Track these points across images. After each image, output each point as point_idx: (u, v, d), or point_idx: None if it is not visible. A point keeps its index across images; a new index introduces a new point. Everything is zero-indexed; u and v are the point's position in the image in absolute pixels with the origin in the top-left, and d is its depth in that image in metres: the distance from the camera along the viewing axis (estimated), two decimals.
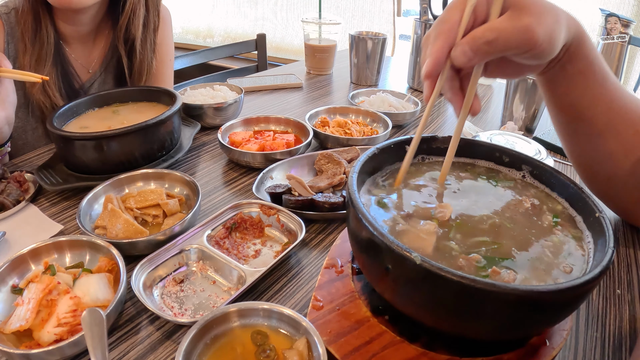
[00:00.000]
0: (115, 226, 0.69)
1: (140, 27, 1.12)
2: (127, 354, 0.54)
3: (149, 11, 1.14)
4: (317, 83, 1.61)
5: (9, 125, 0.91)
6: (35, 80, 0.87)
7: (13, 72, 0.86)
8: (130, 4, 1.08)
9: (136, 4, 1.09)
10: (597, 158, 0.73)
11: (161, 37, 1.21)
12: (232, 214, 0.75)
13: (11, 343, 0.53)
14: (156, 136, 0.90)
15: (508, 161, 0.65)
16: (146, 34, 1.14)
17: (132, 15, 1.09)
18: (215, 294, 0.63)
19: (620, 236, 0.81)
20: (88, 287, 0.58)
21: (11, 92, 0.88)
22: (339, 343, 0.50)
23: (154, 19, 1.16)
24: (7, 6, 1.02)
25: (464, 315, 0.44)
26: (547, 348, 0.50)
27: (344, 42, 1.73)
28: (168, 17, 1.27)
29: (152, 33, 1.16)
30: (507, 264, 0.48)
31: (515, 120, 1.20)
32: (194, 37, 3.69)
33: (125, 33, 1.11)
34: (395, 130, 1.22)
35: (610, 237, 0.47)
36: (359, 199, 0.50)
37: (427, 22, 1.46)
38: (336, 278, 0.59)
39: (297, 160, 0.94)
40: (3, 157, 0.95)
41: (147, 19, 1.14)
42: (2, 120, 0.86)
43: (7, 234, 0.73)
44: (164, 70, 1.26)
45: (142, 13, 1.11)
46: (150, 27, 1.15)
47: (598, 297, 0.66)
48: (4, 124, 0.87)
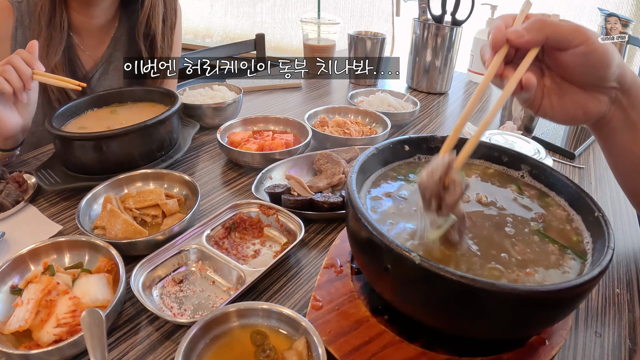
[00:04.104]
0: (115, 226, 0.69)
1: (160, 22, 1.12)
2: (126, 354, 0.54)
3: (167, 8, 1.15)
4: (316, 83, 1.61)
5: (23, 133, 0.93)
6: (73, 87, 0.90)
7: (49, 76, 0.87)
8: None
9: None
10: None
11: (176, 32, 1.22)
12: (231, 214, 0.75)
13: (10, 343, 0.52)
14: (155, 136, 0.90)
15: (507, 161, 0.65)
16: (165, 30, 1.15)
17: (152, 11, 1.10)
18: (215, 294, 0.63)
19: (619, 236, 0.81)
20: (87, 288, 0.58)
21: (34, 101, 0.91)
22: (338, 343, 0.50)
23: (172, 17, 1.17)
24: None
25: (463, 315, 0.44)
26: (546, 347, 0.50)
27: (343, 42, 1.73)
28: (179, 15, 1.27)
29: (170, 30, 1.17)
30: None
31: (514, 120, 1.20)
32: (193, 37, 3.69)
33: (145, 28, 1.12)
34: (394, 130, 1.22)
35: (609, 237, 0.47)
36: (358, 198, 0.50)
37: (425, 22, 1.47)
38: (335, 278, 0.59)
39: (296, 160, 0.94)
40: (11, 158, 0.96)
41: (165, 15, 1.14)
42: (18, 128, 0.88)
43: (6, 234, 0.73)
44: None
45: (162, 9, 1.12)
46: (168, 23, 1.16)
47: (597, 296, 0.67)
48: (19, 130, 0.89)
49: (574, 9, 2.61)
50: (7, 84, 0.82)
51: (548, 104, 0.59)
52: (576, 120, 0.61)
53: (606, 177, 1.04)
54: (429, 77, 1.54)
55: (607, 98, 0.58)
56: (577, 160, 1.10)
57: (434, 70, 1.52)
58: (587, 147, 1.18)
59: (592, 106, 0.58)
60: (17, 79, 0.83)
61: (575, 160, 1.10)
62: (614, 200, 0.94)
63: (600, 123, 0.61)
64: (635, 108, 0.59)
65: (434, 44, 1.47)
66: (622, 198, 0.95)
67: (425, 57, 1.51)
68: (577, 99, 0.58)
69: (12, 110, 0.87)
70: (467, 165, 0.66)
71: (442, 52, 1.48)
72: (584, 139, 1.19)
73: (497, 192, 0.61)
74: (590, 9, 2.52)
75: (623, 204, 0.93)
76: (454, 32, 1.45)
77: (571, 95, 0.58)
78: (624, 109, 0.59)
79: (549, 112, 0.60)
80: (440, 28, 1.45)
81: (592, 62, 0.54)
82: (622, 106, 0.59)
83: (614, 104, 0.59)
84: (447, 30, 1.44)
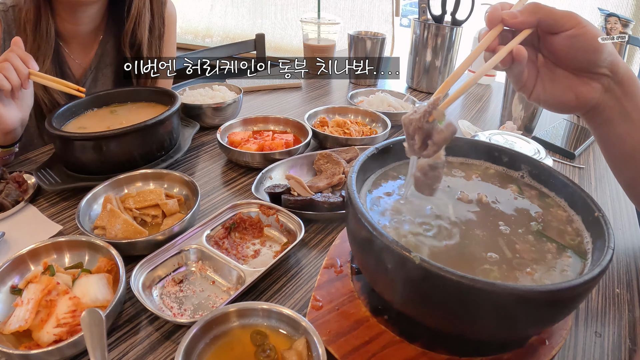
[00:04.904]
0: (115, 226, 0.69)
1: (146, 32, 1.12)
2: (126, 355, 0.54)
3: (154, 17, 1.14)
4: (316, 83, 1.61)
5: (22, 127, 0.93)
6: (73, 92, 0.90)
7: (48, 77, 0.87)
8: (136, 8, 1.08)
9: (142, 8, 1.09)
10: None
11: (167, 37, 1.21)
12: (231, 214, 0.75)
13: (10, 344, 0.52)
14: (155, 136, 0.90)
15: (507, 161, 0.65)
16: (152, 39, 1.14)
17: (139, 19, 1.09)
18: (215, 294, 0.63)
19: (619, 235, 0.81)
20: (87, 288, 0.58)
21: (30, 96, 0.91)
22: (338, 343, 0.50)
23: (160, 26, 1.16)
24: (5, 3, 1.02)
25: (463, 315, 0.44)
26: (546, 347, 0.50)
27: (342, 42, 1.73)
28: (173, 16, 1.26)
29: (158, 39, 1.16)
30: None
31: (514, 120, 1.20)
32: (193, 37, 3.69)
33: (131, 38, 1.11)
34: (394, 130, 1.22)
35: (609, 237, 0.47)
36: (358, 198, 0.50)
37: (425, 22, 1.47)
38: (335, 278, 0.59)
39: (296, 160, 0.94)
40: (10, 156, 0.96)
41: (152, 24, 1.14)
42: (17, 122, 0.88)
43: (6, 234, 0.73)
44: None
45: (148, 18, 1.11)
46: (155, 33, 1.15)
47: (597, 296, 0.67)
48: (18, 125, 0.89)
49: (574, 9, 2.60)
50: (7, 81, 0.82)
51: (541, 88, 0.62)
52: (569, 107, 0.62)
53: (606, 177, 1.04)
54: (429, 77, 1.54)
55: (599, 85, 0.60)
56: (577, 160, 1.10)
57: (434, 70, 1.52)
58: (587, 147, 1.18)
59: (584, 92, 0.60)
60: (15, 76, 0.83)
61: (575, 160, 1.10)
62: (614, 200, 0.94)
63: (594, 112, 0.62)
64: (629, 98, 0.60)
65: (434, 44, 1.48)
66: (622, 198, 0.95)
67: (425, 57, 1.51)
68: (569, 84, 0.60)
69: (10, 105, 0.87)
70: (467, 166, 0.66)
71: (442, 52, 1.48)
72: (584, 139, 1.19)
73: (497, 192, 0.61)
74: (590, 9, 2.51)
75: (623, 204, 0.93)
76: (454, 32, 1.45)
77: (564, 80, 0.60)
78: (618, 99, 0.60)
79: (541, 95, 0.62)
80: (440, 28, 1.45)
81: (582, 45, 0.56)
82: (615, 96, 0.60)
83: (608, 92, 0.60)
84: (447, 30, 1.44)
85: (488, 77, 1.67)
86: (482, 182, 0.63)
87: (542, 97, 0.62)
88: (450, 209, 0.56)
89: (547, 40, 0.59)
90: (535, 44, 0.61)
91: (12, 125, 0.87)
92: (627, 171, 0.68)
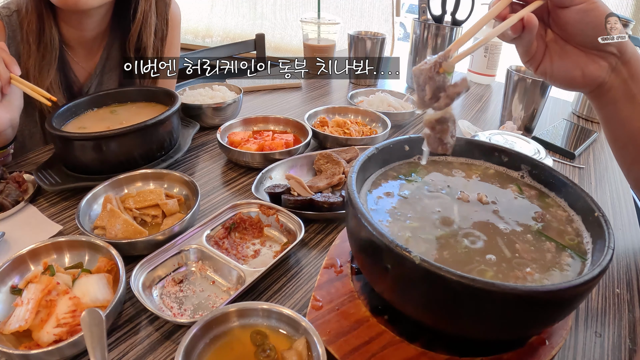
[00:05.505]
0: (115, 226, 0.69)
1: (152, 34, 1.12)
2: (126, 355, 0.54)
3: (159, 19, 1.14)
4: (316, 83, 1.61)
5: (13, 128, 0.91)
6: (43, 101, 0.88)
7: (25, 83, 0.87)
8: (142, 12, 1.07)
9: (147, 11, 1.08)
10: None
11: (170, 38, 1.21)
12: (231, 214, 0.75)
13: (10, 344, 0.52)
14: (155, 136, 0.90)
15: (507, 161, 0.65)
16: (155, 42, 1.14)
17: (144, 23, 1.09)
18: (215, 294, 0.63)
19: (619, 236, 0.81)
20: (87, 288, 0.58)
21: (18, 97, 0.89)
22: (338, 343, 0.50)
23: (163, 28, 1.16)
24: (8, 8, 1.01)
25: (463, 315, 0.44)
26: (546, 347, 0.50)
27: (343, 42, 1.73)
28: (178, 17, 1.26)
29: (160, 42, 1.16)
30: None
31: (514, 120, 1.21)
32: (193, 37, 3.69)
33: (137, 42, 1.11)
34: (394, 130, 1.22)
35: (609, 237, 0.47)
36: (358, 198, 0.50)
37: (426, 22, 1.47)
38: (335, 278, 0.59)
39: (296, 160, 0.94)
40: (6, 158, 0.95)
41: (157, 26, 1.14)
42: (7, 123, 0.87)
43: (6, 234, 0.73)
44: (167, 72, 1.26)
45: (154, 21, 1.11)
46: (159, 35, 1.15)
47: (597, 296, 0.67)
48: (8, 126, 0.88)
49: None
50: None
51: (548, 62, 0.62)
52: (575, 83, 0.62)
53: (606, 177, 1.04)
54: None
55: (606, 64, 0.60)
56: (577, 160, 1.10)
57: None
58: (587, 147, 1.18)
59: (591, 69, 0.60)
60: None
61: (575, 160, 1.10)
62: (614, 200, 0.94)
63: (600, 91, 0.63)
64: (635, 80, 0.61)
65: (434, 44, 1.47)
66: (622, 198, 0.95)
67: (425, 57, 1.50)
68: (576, 61, 0.61)
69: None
70: (467, 166, 0.66)
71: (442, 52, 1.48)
72: (584, 139, 1.19)
73: (497, 192, 0.61)
74: None
75: (623, 204, 0.93)
76: (454, 32, 1.45)
77: (571, 56, 0.61)
78: (624, 80, 0.61)
79: (548, 70, 0.63)
80: (440, 28, 1.45)
81: (592, 21, 0.56)
82: (622, 76, 0.61)
83: (614, 72, 0.61)
84: (447, 30, 1.44)
85: (488, 77, 1.67)
86: (482, 182, 0.63)
87: (549, 72, 0.62)
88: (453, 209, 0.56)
89: (557, 14, 0.59)
90: (545, 19, 0.61)
91: (1, 126, 0.85)
92: (628, 153, 0.68)
